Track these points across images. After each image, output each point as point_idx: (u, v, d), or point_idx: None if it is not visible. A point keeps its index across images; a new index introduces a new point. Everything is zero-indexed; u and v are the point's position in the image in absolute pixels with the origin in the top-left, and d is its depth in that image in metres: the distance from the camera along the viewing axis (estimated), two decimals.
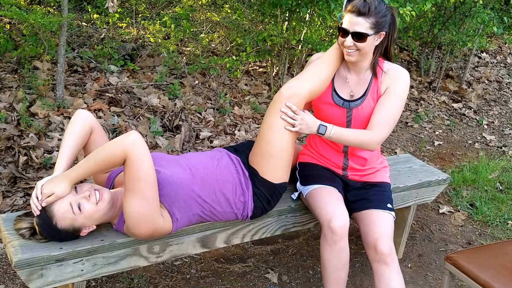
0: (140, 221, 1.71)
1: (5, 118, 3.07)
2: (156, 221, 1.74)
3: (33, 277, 1.67)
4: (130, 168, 1.66)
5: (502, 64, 6.76)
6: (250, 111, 4.11)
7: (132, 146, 1.65)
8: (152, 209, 1.71)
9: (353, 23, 1.94)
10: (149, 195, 1.69)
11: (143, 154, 1.67)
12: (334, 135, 2.03)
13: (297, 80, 2.05)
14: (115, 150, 1.66)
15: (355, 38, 1.95)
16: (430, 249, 2.91)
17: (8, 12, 3.03)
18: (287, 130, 1.99)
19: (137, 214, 1.69)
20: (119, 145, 1.66)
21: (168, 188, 1.82)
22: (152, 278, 2.36)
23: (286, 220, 2.24)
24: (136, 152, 1.66)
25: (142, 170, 1.66)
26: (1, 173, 2.76)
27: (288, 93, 2.00)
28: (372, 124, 2.06)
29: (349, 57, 2.03)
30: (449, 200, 3.47)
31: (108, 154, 1.67)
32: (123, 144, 1.66)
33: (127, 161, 1.66)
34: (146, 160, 1.67)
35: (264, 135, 2.01)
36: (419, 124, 4.81)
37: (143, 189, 1.67)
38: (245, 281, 2.44)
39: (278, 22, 4.25)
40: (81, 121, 1.89)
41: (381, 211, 2.09)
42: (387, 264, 1.97)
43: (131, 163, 1.65)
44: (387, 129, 2.06)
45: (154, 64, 4.34)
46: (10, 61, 3.76)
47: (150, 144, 3.35)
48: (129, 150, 1.65)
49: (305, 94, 2.02)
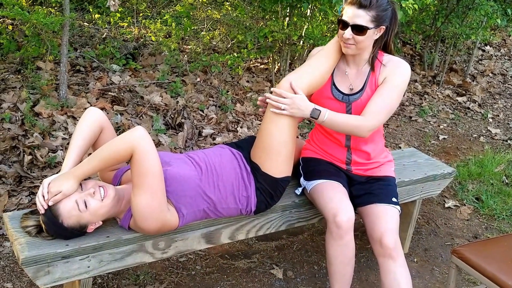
0: (148, 215, 1.71)
1: (10, 118, 3.08)
2: (163, 214, 1.75)
3: (40, 274, 1.68)
4: (137, 163, 1.66)
5: (506, 57, 6.72)
6: (252, 108, 4.10)
7: (138, 141, 1.66)
8: (160, 203, 1.72)
9: (353, 15, 1.92)
10: (157, 189, 1.70)
11: (149, 149, 1.67)
12: (327, 120, 1.99)
13: (296, 74, 2.04)
14: (122, 146, 1.66)
15: (355, 31, 1.94)
16: (436, 243, 2.90)
17: (10, 13, 3.03)
18: (287, 123, 1.97)
19: (146, 209, 1.70)
20: (125, 141, 1.66)
21: (175, 185, 1.83)
22: (157, 275, 2.37)
23: (291, 215, 2.24)
24: (143, 147, 1.66)
25: (149, 164, 1.67)
26: (6, 172, 2.77)
27: (287, 86, 1.99)
28: (366, 111, 2.03)
29: (347, 50, 2.01)
30: (455, 194, 3.46)
31: (115, 150, 1.67)
32: (129, 140, 1.66)
33: (134, 156, 1.67)
34: (152, 154, 1.68)
35: (265, 129, 2.00)
36: (424, 119, 4.79)
37: (151, 183, 1.68)
38: (250, 277, 2.44)
39: (279, 18, 4.24)
40: (91, 119, 1.88)
41: (386, 205, 2.08)
42: (393, 258, 1.96)
43: (138, 158, 1.66)
44: (381, 118, 2.02)
45: (156, 63, 4.34)
46: (13, 61, 3.77)
47: (153, 142, 3.36)
48: (135, 146, 1.66)
49: (304, 87, 2.01)
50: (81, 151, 1.82)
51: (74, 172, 1.71)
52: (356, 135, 2.05)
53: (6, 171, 2.78)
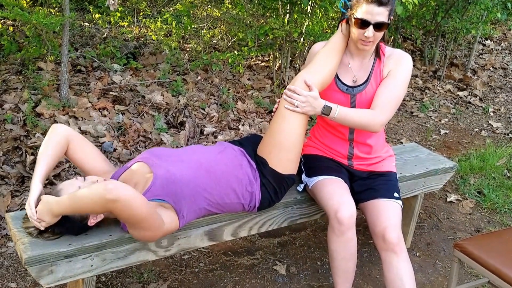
0: (147, 239, 1.77)
1: (12, 119, 3.09)
2: (160, 231, 1.76)
3: (43, 273, 1.69)
4: (121, 213, 1.62)
5: (507, 51, 6.71)
6: (253, 105, 4.10)
7: (115, 197, 1.57)
8: (154, 230, 1.73)
9: (374, 13, 1.90)
10: (148, 223, 1.69)
11: (127, 198, 1.59)
12: (339, 115, 2.01)
13: (309, 72, 2.06)
14: (100, 206, 1.60)
15: (376, 28, 1.93)
16: (438, 237, 2.90)
17: (10, 14, 3.04)
18: (299, 121, 2.00)
19: (144, 238, 1.75)
20: (102, 199, 1.58)
21: (173, 187, 1.82)
22: (161, 273, 2.38)
23: (293, 212, 2.25)
24: (121, 200, 1.58)
25: (133, 210, 1.62)
26: (9, 173, 2.78)
27: (301, 84, 2.03)
28: (376, 105, 2.06)
29: (365, 47, 2.02)
30: (457, 188, 3.46)
31: (93, 206, 1.61)
32: (106, 199, 1.58)
33: (115, 210, 1.61)
34: (132, 200, 1.60)
35: (277, 126, 2.02)
36: (425, 114, 4.78)
37: (140, 221, 1.67)
38: (253, 273, 2.45)
39: (280, 15, 4.24)
40: (56, 134, 1.88)
41: (388, 200, 2.09)
42: (395, 253, 1.97)
43: (120, 210, 1.61)
44: (391, 110, 2.05)
45: (157, 62, 4.34)
46: (14, 62, 3.78)
47: (155, 141, 3.36)
48: (112, 203, 1.58)
49: (317, 84, 2.04)
50: (48, 168, 1.82)
51: (52, 207, 1.67)
52: (368, 130, 2.07)
53: (8, 171, 2.79)
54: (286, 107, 2.00)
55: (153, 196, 1.81)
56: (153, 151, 1.99)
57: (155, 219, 1.70)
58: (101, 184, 1.58)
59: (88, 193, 1.60)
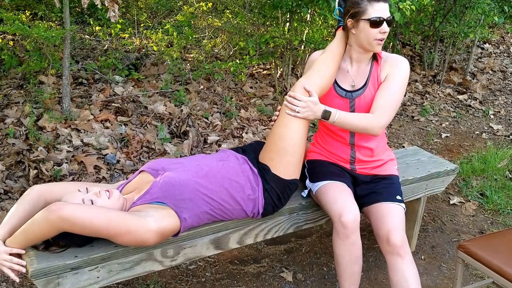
0: (135, 244, 1.72)
1: (14, 133, 3.11)
2: (145, 232, 1.71)
3: (50, 286, 1.69)
4: (77, 229, 1.62)
5: (505, 54, 6.73)
6: (256, 113, 4.12)
7: (58, 216, 1.59)
8: (133, 232, 1.69)
9: (384, 9, 2.00)
10: (115, 230, 1.66)
11: (71, 214, 1.60)
12: (338, 120, 2.04)
13: (308, 78, 2.09)
14: (50, 228, 1.61)
15: (388, 23, 2.01)
16: (442, 240, 2.90)
17: (11, 28, 3.07)
18: (299, 126, 2.03)
19: (132, 242, 1.71)
20: (48, 222, 1.60)
21: (171, 190, 1.84)
22: (167, 283, 2.38)
23: (298, 217, 2.25)
24: (65, 217, 1.59)
25: (85, 223, 1.62)
26: (12, 187, 2.79)
27: (301, 90, 2.05)
28: (375, 108, 2.08)
29: (380, 46, 2.07)
30: (459, 191, 3.46)
31: (44, 231, 1.62)
32: (50, 220, 1.59)
33: (68, 229, 1.62)
34: (79, 215, 1.61)
35: (279, 132, 2.05)
36: (426, 118, 4.80)
37: (105, 230, 1.66)
38: (260, 281, 2.45)
39: (280, 24, 4.27)
40: (32, 194, 1.82)
41: (391, 203, 2.10)
42: (400, 255, 1.98)
43: (73, 226, 1.61)
44: (390, 113, 2.08)
45: (159, 72, 4.37)
46: (15, 77, 3.80)
47: (159, 151, 3.38)
48: (60, 223, 1.59)
49: (317, 90, 2.07)
50: (16, 222, 1.76)
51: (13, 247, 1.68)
52: (369, 133, 2.09)
53: (12, 186, 2.80)
54: (287, 112, 2.03)
55: (151, 198, 1.83)
56: (156, 161, 2.02)
57: (125, 223, 1.67)
58: (45, 208, 1.61)
59: (34, 220, 1.62)
